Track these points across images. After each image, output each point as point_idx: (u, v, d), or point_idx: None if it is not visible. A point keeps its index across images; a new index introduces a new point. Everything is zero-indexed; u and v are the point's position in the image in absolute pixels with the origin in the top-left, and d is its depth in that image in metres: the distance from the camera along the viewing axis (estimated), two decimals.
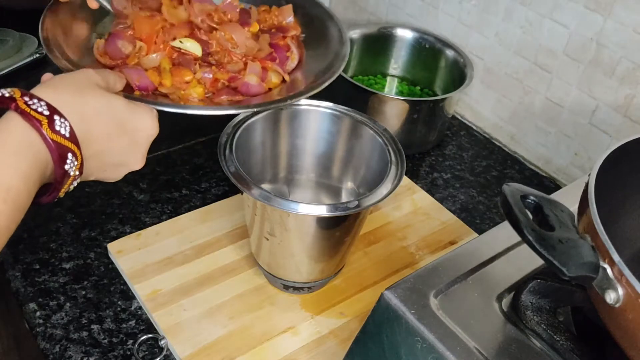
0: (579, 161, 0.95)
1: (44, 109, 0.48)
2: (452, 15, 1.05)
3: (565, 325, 0.52)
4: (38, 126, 0.48)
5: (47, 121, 0.48)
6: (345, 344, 0.68)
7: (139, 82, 0.64)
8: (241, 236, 0.80)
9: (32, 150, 0.48)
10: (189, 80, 0.67)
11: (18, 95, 0.48)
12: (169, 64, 0.68)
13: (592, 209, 0.46)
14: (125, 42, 0.69)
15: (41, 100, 0.49)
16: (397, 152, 0.71)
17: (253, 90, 0.69)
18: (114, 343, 0.68)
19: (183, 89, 0.67)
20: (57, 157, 0.49)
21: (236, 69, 0.70)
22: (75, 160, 0.51)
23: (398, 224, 0.86)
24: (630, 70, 0.84)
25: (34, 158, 0.48)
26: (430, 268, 0.56)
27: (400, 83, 1.12)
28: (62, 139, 0.49)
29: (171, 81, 0.67)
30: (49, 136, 0.48)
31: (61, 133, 0.49)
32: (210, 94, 0.68)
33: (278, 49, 0.75)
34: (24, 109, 0.47)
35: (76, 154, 0.51)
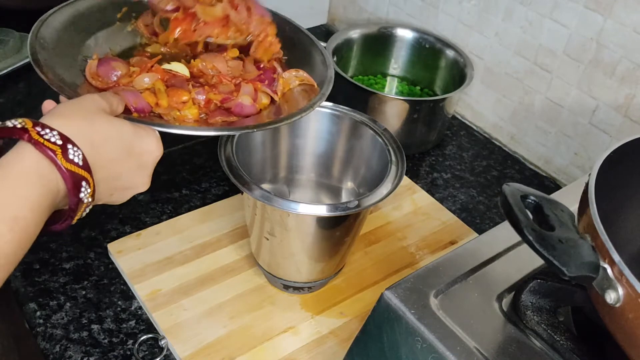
0: (579, 161, 0.95)
1: (56, 138, 0.49)
2: (452, 15, 1.05)
3: (566, 325, 0.52)
4: (52, 156, 0.48)
5: (61, 151, 0.49)
6: (346, 344, 0.68)
7: (136, 105, 0.65)
8: (241, 236, 0.80)
9: (43, 180, 0.48)
10: (186, 100, 0.69)
11: (30, 126, 0.49)
12: (162, 85, 0.70)
13: (592, 209, 0.46)
14: (119, 64, 0.71)
15: (53, 130, 0.49)
16: (397, 152, 0.71)
17: (246, 111, 0.71)
18: (114, 343, 0.68)
19: (179, 109, 0.69)
20: (71, 186, 0.50)
21: (228, 91, 0.72)
22: (89, 188, 0.51)
23: (398, 224, 0.86)
24: (630, 70, 0.84)
25: (44, 188, 0.48)
26: (430, 268, 0.56)
27: (400, 83, 1.12)
28: (76, 167, 0.50)
29: (168, 101, 0.68)
30: (64, 165, 0.49)
31: (75, 162, 0.50)
32: (205, 116, 0.70)
33: (264, 70, 0.77)
34: (37, 139, 0.48)
35: (89, 182, 0.51)
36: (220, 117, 0.69)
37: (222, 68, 0.75)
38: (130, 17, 0.79)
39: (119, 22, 0.78)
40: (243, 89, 0.72)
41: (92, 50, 0.73)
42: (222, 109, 0.71)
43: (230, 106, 0.71)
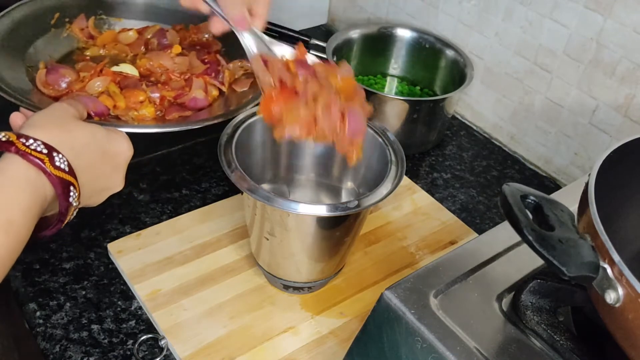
0: (579, 161, 0.95)
1: (42, 148, 0.52)
2: (452, 15, 1.05)
3: (565, 325, 0.52)
4: (40, 164, 0.51)
5: (48, 159, 0.51)
6: (346, 344, 0.68)
7: (95, 109, 0.67)
8: (241, 236, 0.80)
9: (32, 186, 0.51)
10: (143, 100, 0.71)
11: (15, 138, 0.51)
12: (116, 87, 0.71)
13: (592, 209, 0.46)
14: (68, 71, 0.72)
15: (37, 140, 0.52)
16: (397, 152, 0.71)
17: (200, 104, 0.74)
18: (114, 343, 0.68)
19: (136, 109, 0.71)
20: (61, 191, 0.53)
21: (179, 87, 0.74)
22: (76, 191, 0.54)
23: (398, 224, 0.86)
24: (630, 70, 0.84)
25: (34, 194, 0.51)
26: (430, 268, 0.56)
27: (400, 83, 1.12)
28: (63, 173, 0.53)
29: (125, 103, 0.70)
30: (52, 172, 0.52)
31: (61, 168, 0.53)
32: (161, 113, 0.71)
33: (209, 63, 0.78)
34: (24, 150, 0.51)
35: (75, 186, 0.54)
36: (176, 112, 0.72)
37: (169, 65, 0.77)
38: (64, 23, 0.81)
39: (53, 28, 0.80)
40: (195, 83, 0.74)
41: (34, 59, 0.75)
42: (176, 104, 0.73)
43: (184, 101, 0.72)
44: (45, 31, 0.79)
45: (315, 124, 0.60)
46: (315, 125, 0.60)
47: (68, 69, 0.73)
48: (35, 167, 0.51)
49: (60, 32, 0.80)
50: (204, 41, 0.85)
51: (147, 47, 0.82)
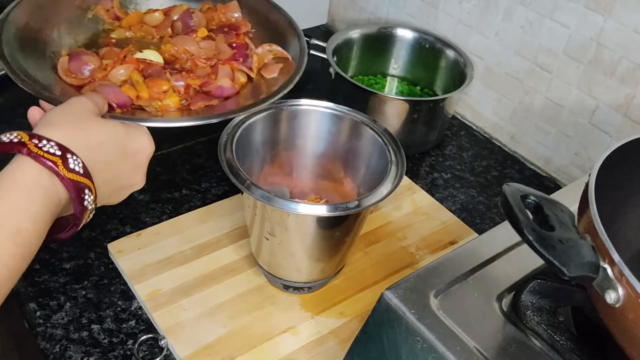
0: (579, 161, 0.95)
1: (55, 149, 0.49)
2: (452, 15, 1.05)
3: (566, 325, 0.52)
4: (54, 167, 0.48)
5: (62, 161, 0.49)
6: (345, 344, 0.68)
7: (117, 101, 0.64)
8: (241, 236, 0.80)
9: (44, 191, 0.48)
10: (167, 89, 0.68)
11: (27, 139, 0.48)
12: (139, 76, 0.69)
13: (592, 209, 0.46)
14: (91, 58, 0.70)
15: (50, 141, 0.49)
16: (397, 152, 0.71)
17: (226, 93, 0.70)
18: (114, 343, 0.68)
19: (160, 99, 0.68)
20: (75, 195, 0.50)
21: (205, 74, 0.71)
22: (91, 194, 0.52)
23: (398, 224, 0.86)
24: (630, 70, 0.84)
25: (46, 199, 0.48)
26: (431, 268, 0.56)
27: (400, 83, 1.12)
28: (78, 176, 0.50)
29: (148, 93, 0.67)
30: (66, 175, 0.49)
31: (76, 170, 0.50)
32: (186, 102, 0.69)
33: (237, 48, 0.75)
34: (36, 152, 0.48)
35: (91, 188, 0.51)
36: (202, 101, 0.68)
37: (194, 50, 0.74)
38: (89, 4, 0.77)
39: (78, 10, 0.76)
40: (221, 71, 0.71)
41: (57, 44, 0.72)
42: (202, 93, 0.70)
43: (210, 90, 0.70)
44: (69, 13, 0.75)
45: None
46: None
47: (91, 56, 0.69)
48: (48, 170, 0.48)
49: (84, 14, 0.76)
50: (233, 22, 0.81)
51: (173, 29, 0.79)
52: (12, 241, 0.45)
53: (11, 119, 0.96)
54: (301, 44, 0.76)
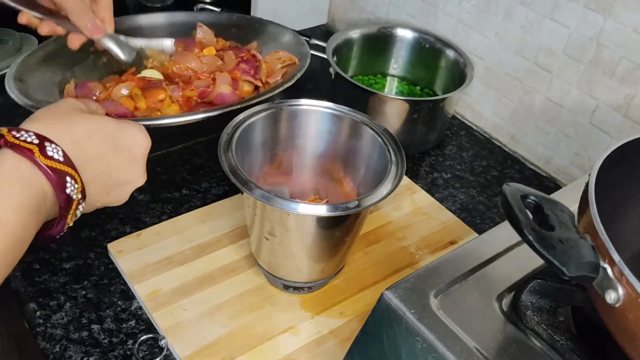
0: (579, 161, 0.95)
1: (32, 138, 0.48)
2: (452, 15, 1.05)
3: (566, 325, 0.52)
4: (30, 155, 0.48)
5: (39, 149, 0.48)
6: (345, 344, 0.68)
7: (116, 112, 0.65)
8: (241, 236, 0.80)
9: (24, 181, 0.48)
10: (163, 98, 0.69)
11: (5, 131, 0.49)
12: (138, 90, 0.70)
13: (592, 209, 0.46)
14: (96, 84, 0.73)
15: (29, 131, 0.49)
16: (397, 151, 0.71)
17: (228, 100, 0.71)
18: (114, 343, 0.68)
19: (159, 108, 0.69)
20: (55, 182, 0.49)
21: (204, 85, 0.72)
22: (76, 183, 0.51)
23: (398, 223, 0.86)
24: (630, 70, 0.84)
25: (27, 189, 0.48)
26: (430, 268, 0.56)
27: (400, 83, 1.12)
28: (57, 163, 0.49)
29: (146, 103, 0.68)
30: (43, 162, 0.48)
31: (55, 158, 0.49)
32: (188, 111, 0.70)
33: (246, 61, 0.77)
34: (13, 141, 0.48)
35: (75, 177, 0.51)
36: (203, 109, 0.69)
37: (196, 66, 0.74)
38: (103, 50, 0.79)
39: (92, 55, 0.79)
40: (219, 78, 0.72)
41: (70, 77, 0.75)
42: (204, 103, 0.70)
43: (212, 99, 0.70)
44: (83, 60, 0.78)
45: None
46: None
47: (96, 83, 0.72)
48: (26, 159, 0.48)
49: (98, 59, 0.79)
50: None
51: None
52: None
53: (11, 119, 0.96)
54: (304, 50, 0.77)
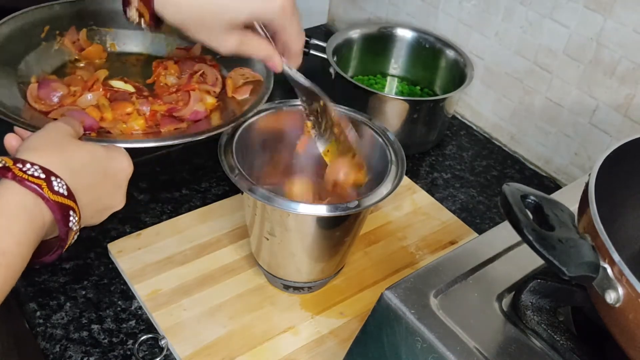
0: (579, 161, 0.95)
1: (39, 172, 0.50)
2: (452, 15, 1.05)
3: (566, 325, 0.52)
4: (39, 190, 0.49)
5: (46, 184, 0.49)
6: (345, 344, 0.68)
7: (84, 123, 0.65)
8: (241, 236, 0.80)
9: (29, 214, 0.49)
10: (130, 112, 0.70)
11: (11, 164, 0.49)
12: (106, 100, 0.71)
13: (592, 209, 0.46)
14: (59, 85, 0.71)
15: (34, 165, 0.50)
16: (397, 151, 0.71)
17: (199, 116, 0.72)
18: (114, 343, 0.68)
19: (124, 121, 0.69)
20: (60, 217, 0.51)
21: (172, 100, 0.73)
22: (76, 215, 0.52)
23: (398, 223, 0.86)
24: (630, 70, 0.84)
25: (31, 222, 0.49)
26: (431, 268, 0.56)
27: (400, 83, 1.12)
28: (62, 198, 0.51)
29: (112, 115, 0.69)
30: (51, 198, 0.49)
31: (60, 192, 0.50)
32: (154, 126, 0.70)
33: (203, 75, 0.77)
34: (21, 176, 0.49)
35: (75, 210, 0.52)
36: (171, 124, 0.71)
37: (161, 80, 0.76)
38: (55, 36, 0.78)
39: (44, 42, 0.78)
40: (193, 97, 0.73)
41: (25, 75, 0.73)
42: (171, 117, 0.72)
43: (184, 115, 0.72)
44: (35, 45, 0.77)
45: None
46: None
47: (59, 83, 0.72)
48: (33, 193, 0.49)
49: (51, 46, 0.78)
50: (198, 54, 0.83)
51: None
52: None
53: None
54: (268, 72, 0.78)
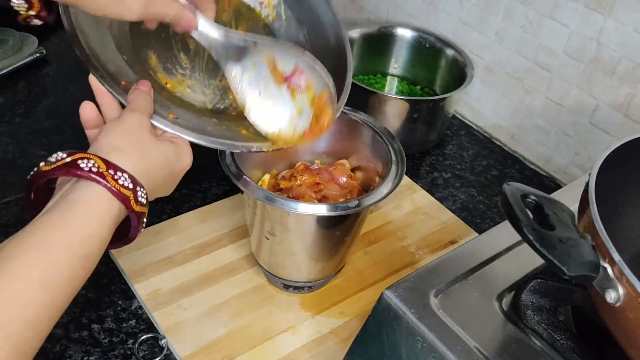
0: (579, 160, 0.95)
1: (128, 182, 0.51)
2: (452, 14, 1.05)
3: (566, 324, 0.52)
4: (127, 202, 0.51)
5: (133, 195, 0.51)
6: (346, 343, 0.68)
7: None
8: (241, 235, 0.80)
9: (112, 220, 0.51)
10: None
11: (104, 169, 0.50)
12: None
13: (592, 208, 0.46)
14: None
15: (124, 173, 0.51)
16: (398, 151, 0.71)
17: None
18: (114, 342, 0.68)
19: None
20: (137, 223, 0.53)
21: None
22: (145, 219, 0.54)
23: (398, 223, 0.86)
24: (630, 70, 0.84)
25: (113, 227, 0.51)
26: (431, 267, 0.56)
27: (400, 82, 1.12)
28: (142, 207, 0.53)
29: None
30: (135, 209, 0.51)
31: (143, 203, 0.52)
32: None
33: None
34: (113, 185, 0.50)
35: (146, 214, 0.54)
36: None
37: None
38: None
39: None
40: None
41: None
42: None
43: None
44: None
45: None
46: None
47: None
48: (121, 204, 0.51)
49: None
50: None
51: None
52: (81, 265, 0.47)
53: (11, 118, 0.96)
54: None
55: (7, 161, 0.89)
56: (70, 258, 0.47)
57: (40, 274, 0.44)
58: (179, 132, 0.60)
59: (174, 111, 0.62)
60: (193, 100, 0.67)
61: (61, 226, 0.47)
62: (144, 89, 0.59)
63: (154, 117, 0.58)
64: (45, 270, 0.45)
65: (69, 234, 0.47)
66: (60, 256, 0.46)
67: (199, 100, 0.67)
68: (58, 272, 0.46)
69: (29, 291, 0.44)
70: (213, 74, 0.69)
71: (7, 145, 0.91)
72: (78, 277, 0.48)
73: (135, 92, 0.58)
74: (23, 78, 1.05)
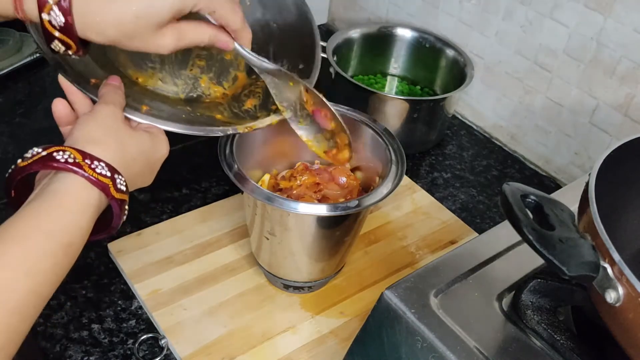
0: (579, 160, 0.95)
1: (106, 170, 0.52)
2: (452, 14, 1.05)
3: (566, 324, 0.52)
4: (107, 190, 0.51)
5: (111, 182, 0.52)
6: (346, 343, 0.68)
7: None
8: (241, 236, 0.80)
9: (93, 209, 0.51)
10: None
11: (80, 159, 0.51)
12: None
13: (592, 208, 0.46)
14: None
15: (100, 162, 0.52)
16: (398, 151, 0.71)
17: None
18: (114, 342, 0.68)
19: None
20: (118, 211, 0.53)
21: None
22: (126, 206, 0.55)
23: (398, 223, 0.86)
24: (630, 70, 0.84)
25: (94, 216, 0.52)
26: (431, 267, 0.56)
27: (400, 82, 1.12)
28: (122, 194, 0.53)
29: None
30: (115, 196, 0.52)
31: (122, 190, 0.53)
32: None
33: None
34: (90, 174, 0.50)
35: (127, 202, 0.55)
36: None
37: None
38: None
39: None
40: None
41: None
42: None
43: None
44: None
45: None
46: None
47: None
48: (101, 192, 0.51)
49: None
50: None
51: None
52: (64, 253, 0.48)
53: (11, 118, 0.96)
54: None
55: (7, 161, 0.88)
56: (53, 246, 0.47)
57: (24, 262, 0.45)
58: (153, 122, 0.60)
59: (148, 104, 0.63)
60: (166, 91, 0.68)
61: (42, 216, 0.48)
62: (114, 83, 0.60)
63: (127, 110, 0.59)
64: (29, 259, 0.46)
65: (50, 223, 0.48)
66: (43, 244, 0.47)
67: (172, 91, 0.69)
68: (41, 260, 0.46)
69: (13, 279, 0.45)
70: (182, 64, 0.71)
71: (7, 145, 0.91)
72: (61, 265, 0.48)
73: (105, 86, 0.59)
74: (23, 78, 1.05)
